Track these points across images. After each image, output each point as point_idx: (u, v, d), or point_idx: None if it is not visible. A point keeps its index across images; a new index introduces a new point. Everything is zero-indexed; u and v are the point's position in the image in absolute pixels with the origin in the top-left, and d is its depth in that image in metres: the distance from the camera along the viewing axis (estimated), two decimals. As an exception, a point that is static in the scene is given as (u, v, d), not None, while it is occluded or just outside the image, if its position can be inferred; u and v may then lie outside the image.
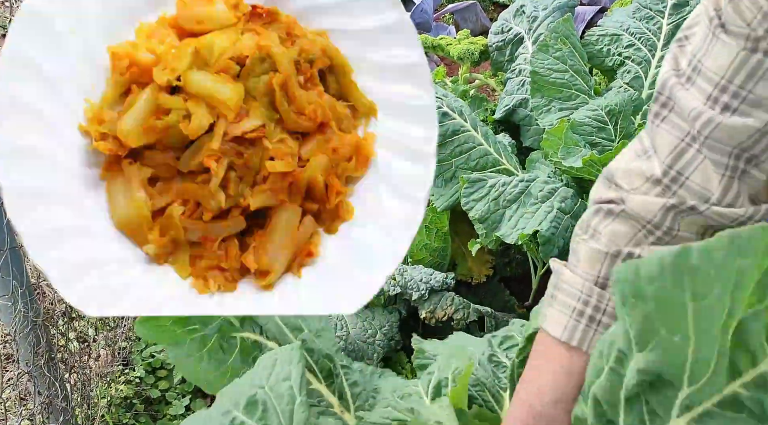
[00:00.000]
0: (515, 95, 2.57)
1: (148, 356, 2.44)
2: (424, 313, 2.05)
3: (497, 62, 2.74)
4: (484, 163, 2.23)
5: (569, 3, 2.69)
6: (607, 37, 2.59)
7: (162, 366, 2.42)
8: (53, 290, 2.22)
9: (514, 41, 2.71)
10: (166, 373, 2.41)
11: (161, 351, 2.43)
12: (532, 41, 2.64)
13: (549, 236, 1.94)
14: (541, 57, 2.39)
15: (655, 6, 2.58)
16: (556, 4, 2.67)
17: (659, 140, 0.93)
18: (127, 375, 2.38)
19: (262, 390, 1.08)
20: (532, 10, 2.70)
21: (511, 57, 2.70)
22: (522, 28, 2.71)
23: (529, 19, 2.70)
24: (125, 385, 2.35)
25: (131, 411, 2.30)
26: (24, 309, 1.77)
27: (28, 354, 1.85)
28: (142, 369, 2.40)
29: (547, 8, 2.68)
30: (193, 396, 2.37)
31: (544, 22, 2.64)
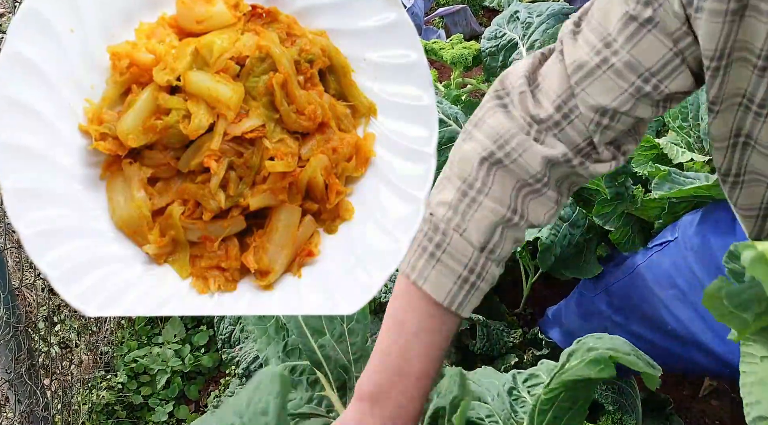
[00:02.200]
0: (508, 101, 2.56)
1: (130, 361, 2.42)
2: (414, 320, 2.04)
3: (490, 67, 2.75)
4: (479, 170, 2.22)
5: (563, 10, 2.70)
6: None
7: (145, 371, 2.40)
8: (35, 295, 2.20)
9: (507, 47, 2.72)
10: (149, 378, 2.39)
11: (144, 356, 2.41)
12: (526, 47, 2.65)
13: (549, 243, 1.94)
14: (536, 63, 2.37)
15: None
16: (550, 11, 2.68)
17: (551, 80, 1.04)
18: (109, 381, 2.36)
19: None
20: (526, 16, 2.71)
21: (505, 63, 2.70)
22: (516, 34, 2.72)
23: (523, 25, 2.70)
24: (107, 391, 2.32)
25: (113, 418, 2.28)
26: (5, 315, 1.75)
27: (9, 362, 1.82)
28: (125, 374, 2.38)
29: (541, 15, 2.68)
30: (176, 402, 2.35)
31: (538, 29, 2.65)
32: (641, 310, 1.77)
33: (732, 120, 0.97)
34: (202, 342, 2.46)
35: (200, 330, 2.50)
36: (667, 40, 0.94)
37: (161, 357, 2.40)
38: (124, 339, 2.52)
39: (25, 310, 1.97)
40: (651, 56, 0.95)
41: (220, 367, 2.42)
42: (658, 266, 1.74)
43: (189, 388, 2.38)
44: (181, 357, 2.41)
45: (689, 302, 1.65)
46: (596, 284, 1.94)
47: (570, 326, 1.99)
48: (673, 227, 1.77)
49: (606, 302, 1.88)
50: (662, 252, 1.76)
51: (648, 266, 1.78)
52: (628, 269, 1.84)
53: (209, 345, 2.47)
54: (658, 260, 1.75)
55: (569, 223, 1.98)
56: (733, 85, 0.94)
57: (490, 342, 2.05)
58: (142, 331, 2.53)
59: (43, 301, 2.23)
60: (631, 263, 1.84)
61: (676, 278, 1.68)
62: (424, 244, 1.03)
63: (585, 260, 2.04)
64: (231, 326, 2.22)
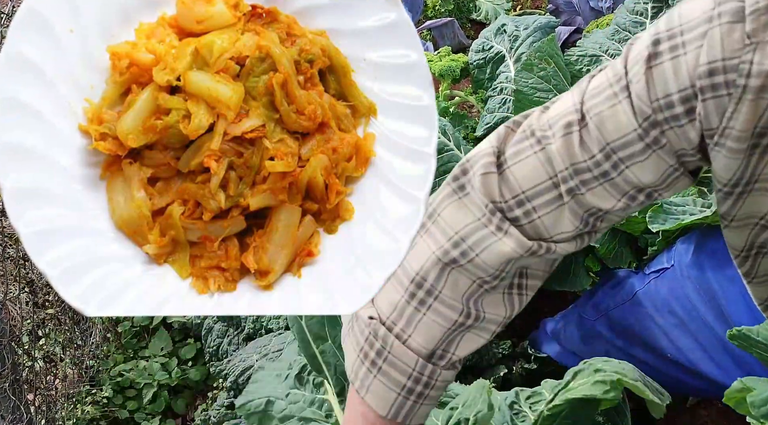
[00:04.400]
0: (497, 114, 2.58)
1: (116, 375, 2.39)
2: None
3: (478, 80, 2.76)
4: (467, 182, 2.24)
5: (550, 23, 2.73)
6: (587, 58, 2.61)
7: (131, 386, 2.38)
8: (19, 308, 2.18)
9: (495, 60, 2.74)
10: (135, 393, 2.37)
11: (130, 370, 2.39)
12: (513, 60, 2.67)
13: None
14: (525, 76, 2.40)
15: (634, 29, 2.62)
16: (537, 25, 2.71)
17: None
18: (95, 396, 2.34)
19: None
20: (513, 29, 2.73)
21: (492, 75, 2.72)
22: (503, 47, 2.74)
23: (510, 38, 2.73)
24: (92, 406, 2.30)
25: (98, 433, 2.26)
26: (-11, 329, 1.73)
27: (-8, 377, 1.81)
28: (110, 388, 2.36)
29: (528, 28, 2.71)
30: (163, 416, 2.33)
31: (525, 42, 2.67)
32: (642, 337, 1.78)
33: (747, 234, 0.95)
34: (189, 355, 2.44)
35: (187, 343, 2.48)
36: (671, 158, 0.90)
37: (147, 370, 2.38)
38: (109, 352, 2.49)
39: (8, 324, 1.95)
40: (651, 175, 0.91)
41: (207, 380, 2.40)
42: (656, 293, 1.75)
43: (176, 402, 2.36)
44: (168, 370, 2.39)
45: (688, 330, 1.67)
46: (597, 309, 1.93)
47: (570, 346, 1.99)
48: (669, 254, 1.78)
49: (607, 327, 1.88)
50: (659, 279, 1.77)
51: (646, 292, 1.79)
52: (627, 294, 1.85)
53: (197, 358, 2.45)
54: (656, 287, 1.76)
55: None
56: (749, 209, 0.91)
57: (479, 353, 2.05)
58: (128, 344, 2.51)
59: (27, 315, 2.21)
60: (630, 289, 1.84)
61: (674, 307, 1.69)
62: (365, 350, 0.98)
63: (574, 273, 2.04)
64: (219, 339, 2.21)
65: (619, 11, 2.73)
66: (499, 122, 2.58)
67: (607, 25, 2.84)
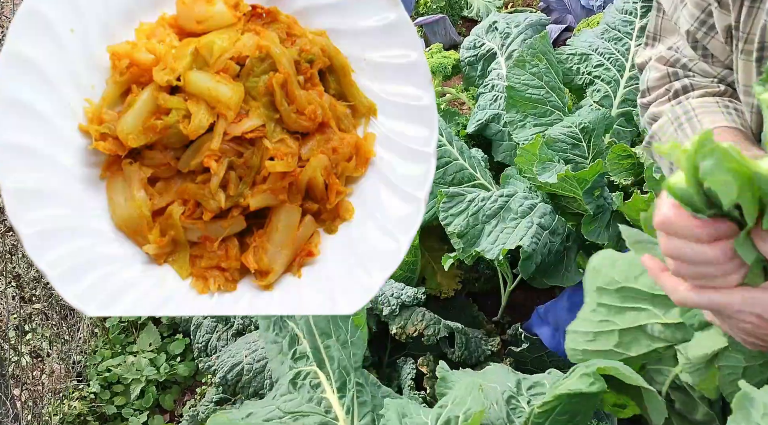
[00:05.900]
0: (488, 110, 2.59)
1: (103, 370, 2.38)
2: (395, 329, 2.02)
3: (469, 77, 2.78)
4: (461, 178, 2.25)
5: (541, 21, 2.75)
6: (577, 56, 2.63)
7: (118, 381, 2.37)
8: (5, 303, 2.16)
9: (486, 57, 2.75)
10: (123, 388, 2.36)
11: (118, 365, 2.38)
12: (504, 57, 2.68)
13: (530, 251, 1.95)
14: (517, 72, 2.41)
15: (624, 28, 2.64)
16: (528, 22, 2.72)
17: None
18: (82, 391, 2.33)
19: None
20: (504, 26, 2.74)
21: (483, 72, 2.73)
22: (495, 44, 2.75)
23: (501, 35, 2.74)
24: (79, 401, 2.29)
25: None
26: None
27: (-23, 373, 1.79)
28: (98, 383, 2.35)
29: (519, 25, 2.72)
30: (151, 412, 2.33)
31: (517, 39, 2.69)
32: None
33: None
34: (177, 350, 2.44)
35: (176, 339, 2.47)
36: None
37: (135, 366, 2.38)
38: (97, 347, 2.48)
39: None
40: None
41: (196, 376, 2.40)
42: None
43: (164, 398, 2.36)
44: (156, 366, 2.39)
45: None
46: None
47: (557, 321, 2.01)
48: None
49: None
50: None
51: None
52: None
53: (185, 354, 2.44)
54: None
55: (549, 230, 2.00)
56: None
57: (468, 350, 2.06)
58: (116, 340, 2.50)
59: (14, 309, 2.20)
60: None
61: None
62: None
63: (566, 268, 2.06)
64: (208, 334, 2.21)
65: (608, 10, 2.74)
66: (490, 118, 2.59)
67: (596, 24, 2.86)
